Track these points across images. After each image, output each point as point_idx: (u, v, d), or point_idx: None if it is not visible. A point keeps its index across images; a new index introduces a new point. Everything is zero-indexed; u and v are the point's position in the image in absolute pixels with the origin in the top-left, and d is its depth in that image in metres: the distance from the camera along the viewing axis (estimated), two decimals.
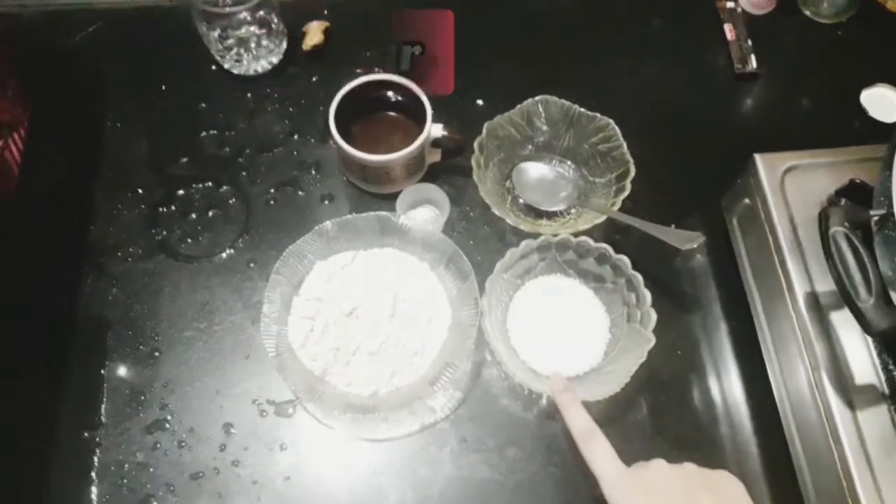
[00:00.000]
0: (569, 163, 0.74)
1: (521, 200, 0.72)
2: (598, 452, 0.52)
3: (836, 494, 0.54)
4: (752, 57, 0.82)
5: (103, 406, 0.63)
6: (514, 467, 0.62)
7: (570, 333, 0.64)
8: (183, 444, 0.62)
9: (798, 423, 0.60)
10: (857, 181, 0.60)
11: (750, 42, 0.83)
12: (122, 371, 0.64)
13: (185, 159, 0.74)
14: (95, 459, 0.61)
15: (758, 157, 0.63)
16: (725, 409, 0.65)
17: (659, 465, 0.50)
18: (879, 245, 0.50)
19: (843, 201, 0.58)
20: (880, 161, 0.53)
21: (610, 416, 0.63)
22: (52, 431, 0.62)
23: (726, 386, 0.66)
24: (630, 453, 0.63)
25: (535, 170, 0.73)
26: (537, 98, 0.71)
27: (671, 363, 0.66)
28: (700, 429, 0.64)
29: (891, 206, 0.49)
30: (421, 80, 0.71)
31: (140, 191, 0.72)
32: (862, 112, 0.78)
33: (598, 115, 0.70)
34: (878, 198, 0.51)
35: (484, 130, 0.69)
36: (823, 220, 0.50)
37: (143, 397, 0.63)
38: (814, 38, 0.85)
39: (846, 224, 0.49)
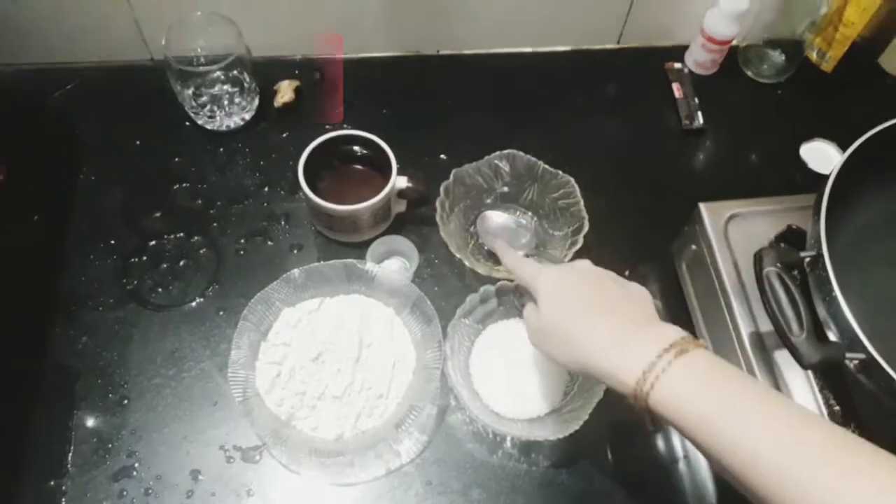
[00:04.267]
0: (530, 214, 0.78)
1: (485, 247, 0.75)
2: (527, 265, 0.57)
3: None
4: (699, 114, 0.87)
5: (70, 454, 0.63)
6: None
7: (531, 375, 0.66)
8: (150, 491, 0.62)
9: None
10: (794, 227, 0.64)
11: (697, 100, 0.88)
12: (90, 419, 0.65)
13: (157, 211, 0.76)
14: None
15: (702, 206, 0.67)
16: (683, 445, 0.67)
17: (583, 261, 0.55)
18: (812, 285, 0.54)
19: (781, 245, 0.61)
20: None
21: (571, 455, 0.65)
22: (17, 480, 0.61)
23: None
24: (591, 491, 0.65)
25: (497, 218, 0.76)
26: (504, 152, 0.75)
27: (629, 406, 0.68)
28: (659, 467, 0.66)
29: (819, 248, 0.52)
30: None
31: (112, 241, 0.74)
32: (802, 165, 0.83)
33: (560, 172, 0.74)
34: (809, 241, 0.55)
35: (451, 176, 0.72)
36: (758, 262, 0.54)
37: (110, 445, 0.64)
38: (755, 96, 0.91)
39: (778, 264, 0.53)
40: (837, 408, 0.58)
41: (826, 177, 0.57)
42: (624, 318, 0.48)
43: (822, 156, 0.84)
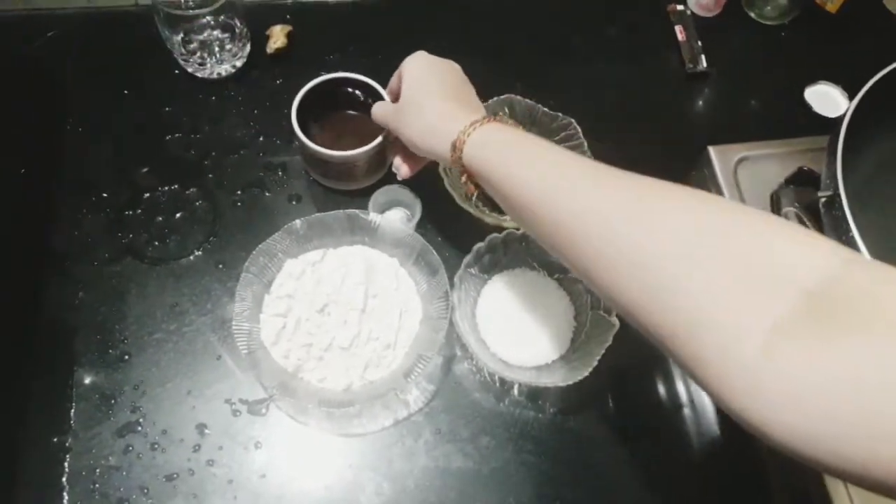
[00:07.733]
0: None
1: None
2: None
3: (799, 477, 0.56)
4: (703, 57, 0.85)
5: (73, 411, 0.62)
6: (489, 456, 0.63)
7: (538, 324, 0.66)
8: (156, 446, 0.61)
9: None
10: (806, 169, 0.63)
11: (700, 43, 0.86)
12: (91, 375, 0.63)
13: (150, 163, 0.74)
14: (66, 465, 0.60)
15: (711, 150, 0.66)
16: (688, 394, 0.67)
17: (450, 61, 0.64)
18: (827, 225, 0.53)
19: (792, 188, 0.61)
20: (825, 151, 0.56)
21: (579, 402, 0.65)
22: (20, 438, 0.61)
23: None
24: (600, 437, 0.65)
25: None
26: (503, 97, 0.72)
27: (636, 352, 0.67)
28: (664, 414, 0.67)
29: (836, 188, 0.52)
30: None
31: (105, 194, 0.72)
32: (806, 107, 0.82)
33: (561, 114, 0.72)
34: (825, 181, 0.55)
35: None
36: (776, 201, 0.53)
37: (113, 401, 0.63)
38: (759, 38, 0.89)
39: (796, 204, 0.52)
40: None
41: (834, 119, 0.56)
42: (462, 102, 0.59)
43: (827, 98, 0.83)
